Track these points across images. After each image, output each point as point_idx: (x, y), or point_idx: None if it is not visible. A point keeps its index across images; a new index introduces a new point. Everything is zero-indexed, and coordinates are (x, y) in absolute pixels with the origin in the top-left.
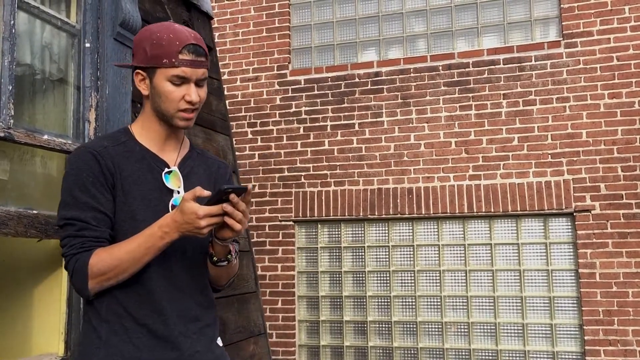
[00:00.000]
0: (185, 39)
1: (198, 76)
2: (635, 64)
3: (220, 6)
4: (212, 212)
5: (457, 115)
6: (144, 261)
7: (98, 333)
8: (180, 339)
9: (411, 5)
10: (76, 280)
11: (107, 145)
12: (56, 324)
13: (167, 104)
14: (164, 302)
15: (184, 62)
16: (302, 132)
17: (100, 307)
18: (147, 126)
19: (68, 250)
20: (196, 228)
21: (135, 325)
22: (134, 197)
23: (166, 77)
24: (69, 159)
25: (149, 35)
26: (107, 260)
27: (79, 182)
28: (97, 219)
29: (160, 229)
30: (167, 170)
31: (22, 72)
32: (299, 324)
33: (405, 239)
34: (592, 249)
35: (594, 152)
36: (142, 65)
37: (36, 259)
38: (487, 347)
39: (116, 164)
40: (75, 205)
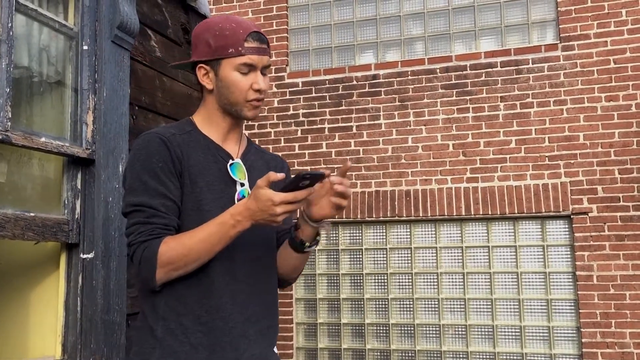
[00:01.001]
0: (249, 27)
1: (264, 63)
2: (632, 66)
3: (218, 9)
4: (288, 199)
5: (455, 118)
6: (214, 251)
7: (154, 332)
8: (240, 340)
9: (409, 8)
10: (144, 269)
11: (175, 133)
12: (53, 327)
13: (237, 95)
14: (225, 299)
15: (251, 49)
16: (299, 134)
17: (158, 304)
18: (210, 119)
19: (136, 237)
20: (271, 215)
21: (193, 323)
22: (200, 187)
23: (233, 67)
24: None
25: (211, 27)
26: (177, 249)
27: (148, 167)
28: (166, 206)
29: (233, 217)
30: (231, 161)
31: (20, 75)
32: (297, 326)
33: (402, 241)
34: (590, 252)
35: (591, 154)
36: (207, 58)
37: (33, 262)
38: (485, 349)
39: (184, 152)
40: (144, 191)
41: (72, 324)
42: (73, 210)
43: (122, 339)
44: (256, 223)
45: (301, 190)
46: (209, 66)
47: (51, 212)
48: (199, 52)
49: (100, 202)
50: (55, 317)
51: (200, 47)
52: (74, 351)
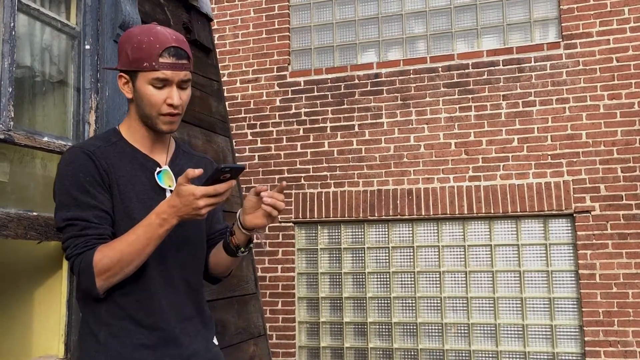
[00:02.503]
0: (166, 42)
1: (180, 78)
2: (634, 65)
3: (220, 8)
4: (209, 192)
5: (457, 117)
6: (147, 252)
7: (97, 337)
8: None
9: (411, 7)
10: (84, 280)
11: (100, 145)
12: (56, 326)
13: (150, 108)
14: (162, 301)
15: (165, 65)
16: (301, 133)
17: (99, 311)
18: (134, 128)
19: (72, 250)
20: (194, 209)
21: (136, 326)
22: (129, 197)
23: (147, 81)
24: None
25: (131, 39)
26: (110, 255)
27: (76, 182)
28: (98, 216)
29: (158, 216)
30: (159, 169)
31: (22, 74)
32: (299, 325)
33: (405, 240)
34: (592, 250)
35: (593, 153)
36: (125, 68)
37: (36, 261)
38: (487, 348)
39: (110, 164)
40: (75, 205)
41: (75, 323)
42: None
43: None
44: (182, 219)
45: (222, 183)
46: (128, 76)
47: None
48: (121, 61)
49: None
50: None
51: (122, 56)
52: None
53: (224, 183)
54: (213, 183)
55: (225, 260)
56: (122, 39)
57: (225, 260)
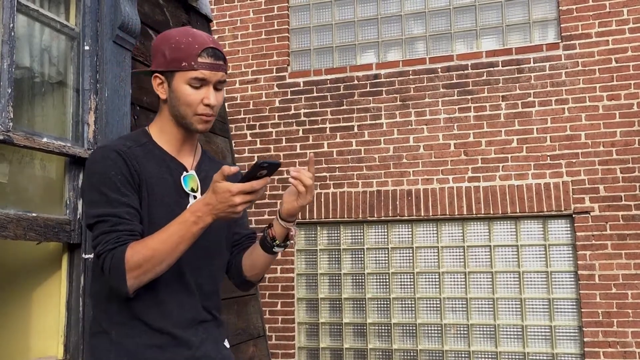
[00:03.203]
0: (204, 43)
1: (217, 78)
2: (633, 65)
3: (219, 9)
4: (245, 189)
5: (456, 117)
6: (179, 250)
7: (109, 336)
8: (192, 339)
9: (410, 8)
10: (114, 277)
11: (131, 146)
12: (55, 327)
13: (186, 108)
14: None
15: (203, 64)
16: (301, 134)
17: (111, 311)
18: (165, 130)
19: (103, 247)
20: (230, 207)
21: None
22: (154, 200)
23: (185, 80)
24: (94, 158)
25: (168, 40)
26: (142, 252)
27: (107, 181)
28: (129, 213)
29: (193, 214)
30: (185, 173)
31: (22, 75)
32: (299, 326)
33: (404, 241)
34: (592, 251)
35: (592, 153)
36: (161, 69)
37: (35, 262)
38: (487, 349)
39: (140, 164)
40: (106, 202)
41: (74, 324)
42: (75, 211)
43: None
44: (217, 217)
45: (258, 180)
46: (164, 77)
47: (53, 212)
48: (156, 62)
49: None
50: (57, 318)
51: (157, 57)
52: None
53: (260, 180)
54: (249, 180)
55: (262, 259)
56: (158, 41)
57: (261, 260)
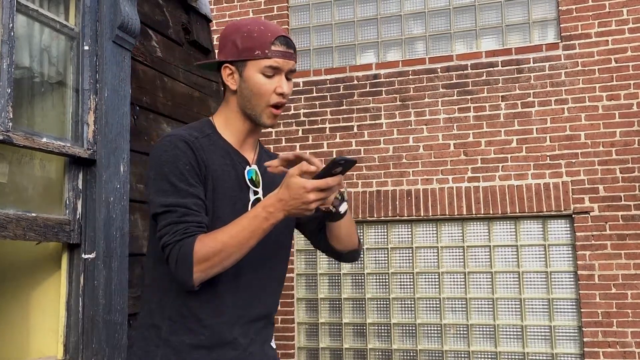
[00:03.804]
0: (277, 31)
1: (290, 67)
2: (633, 65)
3: (219, 9)
4: (321, 186)
5: (456, 117)
6: (249, 245)
7: (159, 331)
8: (241, 339)
9: (410, 8)
10: (180, 269)
11: (198, 137)
12: (55, 327)
13: (258, 98)
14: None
15: (277, 53)
16: (300, 134)
17: (165, 304)
18: (230, 122)
19: (171, 237)
20: (304, 203)
21: (197, 325)
22: (218, 192)
23: (258, 69)
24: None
25: (240, 29)
26: (211, 245)
27: (176, 170)
28: (197, 204)
29: (265, 210)
30: (248, 168)
31: (21, 75)
32: (298, 326)
33: (404, 241)
34: (591, 251)
35: (592, 154)
36: (232, 58)
37: (35, 262)
38: (487, 349)
39: (207, 156)
40: (174, 192)
41: (74, 324)
42: (74, 211)
43: (124, 339)
44: (288, 214)
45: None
46: (235, 67)
47: (53, 212)
48: (226, 52)
49: (102, 202)
50: (57, 318)
51: (227, 47)
52: (76, 351)
53: (335, 177)
54: (324, 177)
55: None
56: (228, 30)
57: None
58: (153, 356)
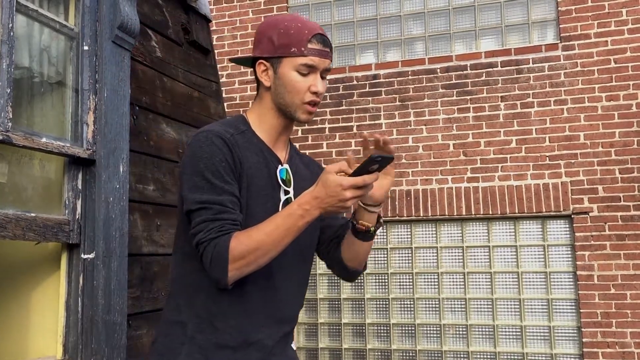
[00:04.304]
0: (314, 29)
1: (325, 66)
2: (632, 66)
3: (219, 9)
4: (358, 183)
5: (455, 118)
6: (284, 243)
7: (185, 328)
8: (266, 341)
9: (409, 8)
10: (215, 266)
11: (233, 133)
12: (54, 327)
13: (293, 95)
14: (257, 304)
15: (313, 51)
16: (300, 134)
17: (195, 301)
18: (264, 119)
19: (206, 235)
20: (340, 201)
21: (224, 325)
22: (252, 190)
23: (294, 67)
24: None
25: (276, 25)
26: (246, 243)
27: (211, 166)
28: (232, 202)
29: (301, 207)
30: (280, 167)
31: (21, 75)
32: (298, 326)
33: (403, 241)
34: (590, 251)
35: (591, 154)
36: (268, 55)
37: (34, 262)
38: (486, 349)
39: (242, 153)
40: (210, 189)
41: (73, 324)
42: (74, 211)
43: (123, 339)
44: (324, 211)
45: (369, 174)
46: (270, 63)
47: (52, 212)
48: (261, 48)
49: (101, 202)
50: (56, 318)
51: (263, 43)
52: (75, 351)
53: (372, 174)
54: (360, 174)
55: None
56: (265, 26)
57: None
58: (177, 354)
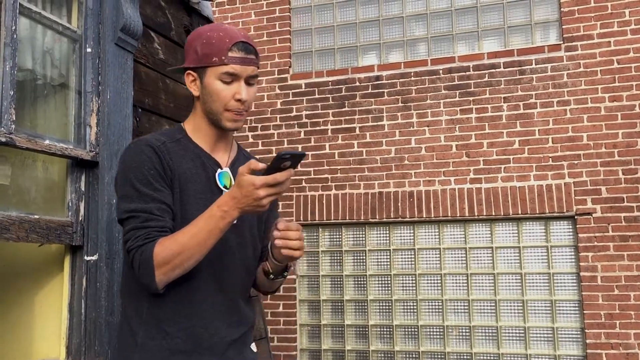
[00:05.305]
0: (235, 37)
1: (248, 73)
2: (635, 67)
3: (221, 11)
4: (269, 181)
5: (458, 119)
6: (208, 245)
7: (135, 336)
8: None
9: (411, 9)
10: (143, 273)
11: (165, 141)
12: (57, 329)
13: (217, 104)
14: (207, 307)
15: (234, 59)
16: (303, 136)
17: (142, 310)
18: (199, 127)
19: (134, 242)
20: (255, 200)
21: (174, 329)
22: (187, 195)
23: (216, 76)
24: (128, 152)
25: (200, 35)
26: (171, 247)
27: (140, 175)
28: (160, 209)
29: (220, 209)
30: (219, 170)
31: (24, 78)
32: (301, 328)
33: (406, 242)
34: (594, 252)
35: (594, 155)
36: (193, 65)
37: (38, 264)
38: (489, 350)
39: (174, 160)
40: (138, 198)
41: (77, 325)
42: (77, 213)
43: None
44: (243, 211)
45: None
46: (197, 73)
47: (55, 214)
48: (188, 59)
49: (104, 204)
50: (60, 319)
51: (190, 54)
52: (78, 353)
53: (284, 172)
54: (272, 172)
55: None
56: (191, 37)
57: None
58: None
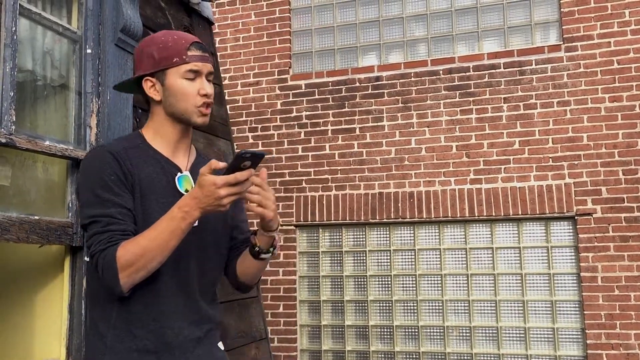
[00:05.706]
0: (190, 38)
1: (208, 69)
2: (635, 67)
3: (221, 11)
4: (229, 181)
5: (458, 119)
6: (170, 246)
7: (104, 340)
8: (187, 343)
9: (411, 10)
10: (107, 276)
11: (126, 147)
12: (58, 330)
13: (184, 102)
14: (172, 307)
15: (194, 57)
16: (303, 136)
17: (109, 313)
18: (160, 131)
19: (96, 247)
20: (216, 199)
21: (142, 331)
22: (149, 200)
23: (179, 75)
24: (89, 160)
25: (154, 41)
26: (133, 250)
27: (100, 181)
28: (122, 213)
29: (181, 210)
30: (179, 174)
31: (24, 78)
32: (301, 328)
33: (406, 243)
34: (594, 253)
35: (595, 155)
36: (151, 70)
37: (38, 265)
38: (489, 351)
39: (134, 165)
40: (99, 203)
41: (77, 326)
42: (77, 214)
43: None
44: (204, 211)
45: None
46: (155, 78)
47: (55, 215)
48: (143, 66)
49: None
50: (60, 320)
51: (144, 61)
52: (79, 354)
53: (245, 171)
54: (233, 172)
55: (252, 265)
56: (142, 45)
57: (252, 265)
58: None
